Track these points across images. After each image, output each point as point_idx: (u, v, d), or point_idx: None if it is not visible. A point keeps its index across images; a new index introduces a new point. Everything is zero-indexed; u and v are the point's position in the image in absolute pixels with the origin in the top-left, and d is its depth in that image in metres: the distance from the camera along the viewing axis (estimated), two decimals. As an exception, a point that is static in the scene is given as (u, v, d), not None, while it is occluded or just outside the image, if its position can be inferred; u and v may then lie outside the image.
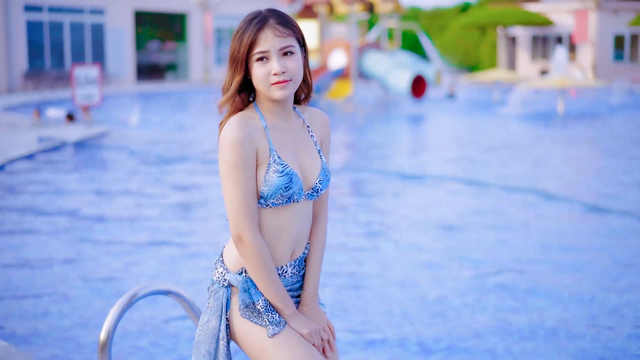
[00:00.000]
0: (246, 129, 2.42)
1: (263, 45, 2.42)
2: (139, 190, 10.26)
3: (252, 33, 2.42)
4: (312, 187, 2.53)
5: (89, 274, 6.30)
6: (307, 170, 2.53)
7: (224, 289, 2.55)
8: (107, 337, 2.99)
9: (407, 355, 4.68)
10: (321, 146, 2.62)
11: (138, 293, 3.04)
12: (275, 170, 2.43)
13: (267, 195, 2.43)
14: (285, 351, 2.45)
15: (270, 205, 2.45)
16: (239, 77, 2.45)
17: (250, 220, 2.42)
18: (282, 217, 2.48)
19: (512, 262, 6.73)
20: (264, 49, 2.42)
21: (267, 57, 2.43)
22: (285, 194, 2.44)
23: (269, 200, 2.44)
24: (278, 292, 2.48)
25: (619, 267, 6.56)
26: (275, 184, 2.42)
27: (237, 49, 2.43)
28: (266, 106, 2.51)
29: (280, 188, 2.43)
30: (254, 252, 2.43)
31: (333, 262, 6.54)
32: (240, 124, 2.42)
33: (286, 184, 2.43)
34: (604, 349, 4.74)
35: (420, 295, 5.84)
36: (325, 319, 2.60)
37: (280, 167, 2.43)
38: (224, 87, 2.50)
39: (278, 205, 2.46)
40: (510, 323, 5.17)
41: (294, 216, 2.50)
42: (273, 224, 2.48)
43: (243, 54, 2.43)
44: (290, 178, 2.44)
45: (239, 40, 2.43)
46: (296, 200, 2.48)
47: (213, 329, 2.54)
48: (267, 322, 2.47)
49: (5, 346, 4.31)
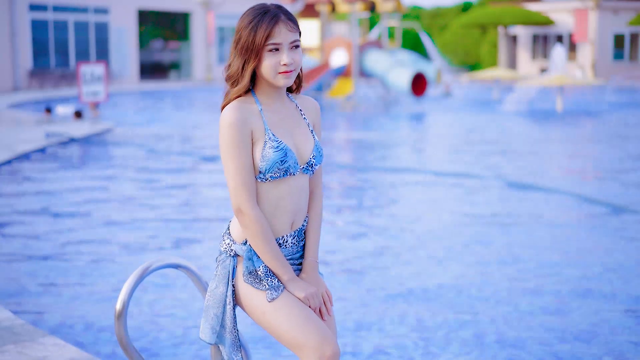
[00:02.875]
0: (242, 112, 2.71)
1: (277, 37, 2.69)
2: (142, 180, 10.55)
3: (269, 26, 2.68)
4: (307, 162, 2.80)
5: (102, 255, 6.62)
6: (301, 146, 2.80)
7: (230, 258, 2.81)
8: (123, 306, 3.23)
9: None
10: (314, 128, 2.90)
11: (151, 266, 3.32)
12: (271, 147, 2.71)
13: (266, 170, 2.71)
14: (285, 313, 2.71)
15: (268, 179, 2.73)
16: (253, 65, 2.72)
17: (248, 193, 2.70)
18: (281, 189, 2.76)
19: (512, 256, 7.00)
20: (278, 41, 2.70)
21: (278, 49, 2.71)
22: (282, 167, 2.72)
23: (267, 174, 2.72)
24: (276, 259, 2.74)
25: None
26: (272, 159, 2.70)
27: (252, 39, 2.69)
28: (264, 91, 2.79)
29: (277, 162, 2.70)
30: (253, 222, 2.70)
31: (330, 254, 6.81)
32: (236, 108, 2.71)
33: (282, 157, 2.71)
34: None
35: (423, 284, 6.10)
36: (323, 286, 2.86)
37: (275, 144, 2.71)
38: (232, 75, 2.75)
39: (276, 179, 2.74)
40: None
41: (291, 188, 2.77)
42: (272, 195, 2.75)
43: (260, 43, 2.69)
44: (285, 152, 2.72)
45: (252, 31, 2.69)
46: (292, 174, 2.75)
47: (220, 294, 2.81)
48: (267, 287, 2.73)
49: (13, 319, 4.62)
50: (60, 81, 31.42)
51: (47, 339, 4.33)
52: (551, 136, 17.01)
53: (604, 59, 38.93)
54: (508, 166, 12.27)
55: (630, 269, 6.45)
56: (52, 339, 4.31)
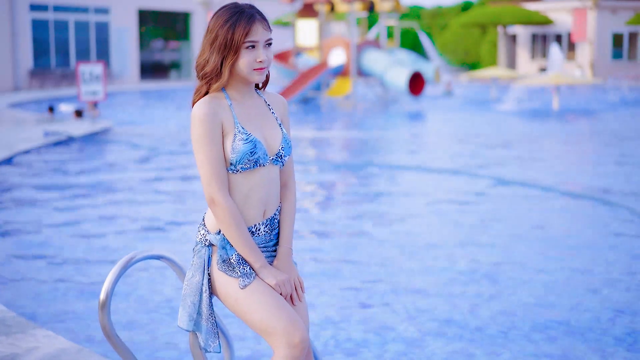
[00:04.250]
0: (212, 106, 2.84)
1: (255, 35, 2.83)
2: (139, 177, 10.68)
3: (248, 24, 2.82)
4: (276, 154, 2.93)
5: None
6: (270, 138, 2.93)
7: (205, 248, 2.94)
8: (106, 297, 3.33)
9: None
10: (282, 122, 3.03)
11: (134, 257, 3.44)
12: (241, 139, 2.84)
13: (236, 161, 2.84)
14: (256, 300, 2.82)
15: (239, 170, 2.86)
16: (231, 61, 2.84)
17: (219, 184, 2.83)
18: (251, 180, 2.88)
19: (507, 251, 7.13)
20: (255, 39, 2.83)
21: (255, 46, 2.85)
22: (252, 158, 2.84)
23: (238, 165, 2.84)
24: (248, 247, 2.86)
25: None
26: (242, 150, 2.83)
27: (231, 36, 2.81)
28: (234, 87, 2.93)
29: (247, 153, 2.83)
30: (225, 212, 2.83)
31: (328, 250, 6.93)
32: (207, 102, 2.85)
33: (251, 149, 2.84)
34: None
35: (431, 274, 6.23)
36: (295, 273, 2.98)
37: (244, 136, 2.84)
38: (210, 72, 2.86)
39: (246, 170, 2.86)
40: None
41: (262, 179, 2.90)
42: (243, 186, 2.88)
43: (238, 41, 2.82)
44: (254, 144, 2.85)
45: (230, 29, 2.81)
46: (262, 165, 2.88)
47: (197, 283, 2.93)
48: (239, 274, 2.85)
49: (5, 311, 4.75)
50: (60, 81, 31.56)
51: (38, 330, 4.45)
52: (543, 134, 17.11)
53: (603, 59, 39.01)
54: (499, 163, 12.38)
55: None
56: (43, 331, 4.43)
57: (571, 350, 4.71)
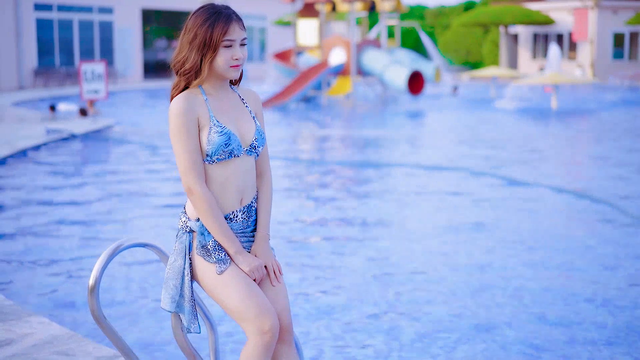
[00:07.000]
0: (189, 101, 3.03)
1: (232, 34, 3.02)
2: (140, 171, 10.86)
3: (226, 24, 3.01)
4: (250, 145, 3.11)
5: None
6: (244, 131, 3.11)
7: (186, 234, 3.11)
8: (95, 282, 3.46)
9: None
10: (255, 115, 3.21)
11: (121, 245, 3.59)
12: (216, 132, 3.02)
13: (212, 153, 3.02)
14: (230, 286, 2.99)
15: (215, 161, 3.04)
16: (210, 59, 3.02)
17: (196, 174, 3.00)
18: (227, 170, 3.06)
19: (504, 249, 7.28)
20: (232, 38, 3.02)
21: (232, 45, 3.03)
22: (226, 149, 3.02)
23: (214, 156, 3.02)
24: (224, 233, 3.03)
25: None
26: (217, 142, 3.01)
27: (210, 35, 2.99)
28: (210, 83, 3.11)
29: (221, 145, 3.01)
30: (202, 200, 3.00)
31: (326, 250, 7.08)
32: (184, 98, 3.04)
33: (225, 141, 3.02)
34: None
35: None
36: (271, 257, 3.15)
37: (219, 129, 3.03)
38: (189, 69, 3.05)
39: (222, 160, 3.04)
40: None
41: (237, 168, 3.07)
42: (219, 176, 3.06)
43: (217, 39, 3.00)
44: (228, 136, 3.03)
45: (209, 28, 3.00)
46: (237, 155, 3.06)
47: (179, 267, 3.11)
48: (215, 259, 3.02)
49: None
50: (65, 80, 31.74)
51: (33, 317, 4.61)
52: (540, 133, 17.23)
53: (604, 58, 39.05)
54: (495, 160, 12.51)
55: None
56: (38, 318, 4.60)
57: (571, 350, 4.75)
